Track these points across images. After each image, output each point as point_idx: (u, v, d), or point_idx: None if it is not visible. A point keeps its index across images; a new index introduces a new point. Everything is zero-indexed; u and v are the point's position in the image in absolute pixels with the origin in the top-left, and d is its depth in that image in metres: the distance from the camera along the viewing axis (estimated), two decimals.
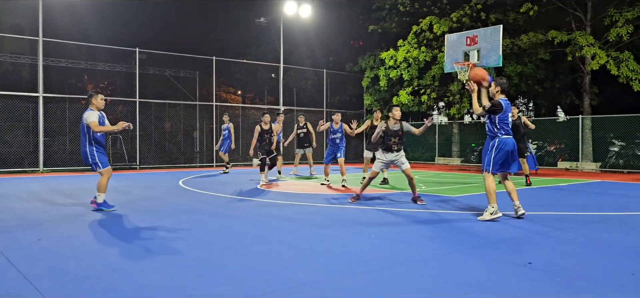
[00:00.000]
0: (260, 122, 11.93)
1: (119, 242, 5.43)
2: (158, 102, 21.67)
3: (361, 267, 4.37)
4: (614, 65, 16.85)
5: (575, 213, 7.49)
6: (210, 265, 4.43)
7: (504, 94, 6.93)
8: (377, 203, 8.47)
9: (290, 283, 3.87)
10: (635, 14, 16.62)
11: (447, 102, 22.08)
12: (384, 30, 23.94)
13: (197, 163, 21.76)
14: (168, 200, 9.00)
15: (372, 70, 23.89)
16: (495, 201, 6.73)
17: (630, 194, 10.28)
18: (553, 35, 17.90)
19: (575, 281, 3.93)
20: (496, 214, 6.67)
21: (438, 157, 23.15)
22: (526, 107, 27.76)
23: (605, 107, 20.82)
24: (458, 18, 20.28)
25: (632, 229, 6.11)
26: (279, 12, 22.71)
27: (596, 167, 17.82)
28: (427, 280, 3.97)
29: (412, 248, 5.13)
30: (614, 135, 18.07)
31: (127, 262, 4.54)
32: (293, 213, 7.52)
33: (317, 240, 5.56)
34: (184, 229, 6.14)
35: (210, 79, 21.52)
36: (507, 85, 7.00)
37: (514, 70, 19.74)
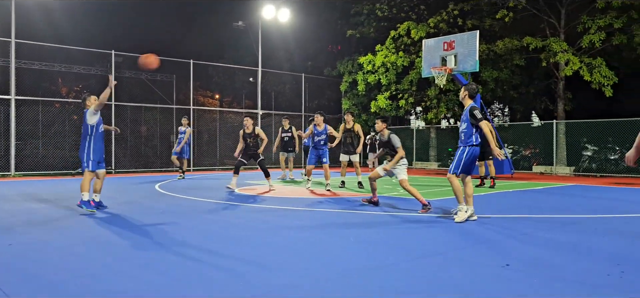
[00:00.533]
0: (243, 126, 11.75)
1: (93, 247, 5.31)
2: (134, 105, 21.36)
3: (340, 270, 4.34)
4: (586, 71, 17.22)
5: (551, 216, 7.59)
6: (187, 269, 4.35)
7: (472, 99, 7.00)
8: (356, 207, 8.47)
9: (269, 287, 3.83)
10: (607, 22, 17.02)
11: (424, 106, 22.28)
12: (362, 35, 24.07)
13: (174, 167, 21.49)
14: (144, 205, 8.86)
15: (350, 75, 23.98)
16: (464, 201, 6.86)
17: (603, 197, 10.49)
18: (528, 42, 18.22)
19: (552, 282, 3.97)
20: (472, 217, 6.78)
21: (415, 161, 23.32)
22: (502, 112, 28.17)
23: (579, 112, 21.25)
24: (435, 23, 20.50)
25: (607, 231, 6.22)
26: (257, 15, 22.64)
27: (570, 171, 18.16)
28: (405, 282, 3.97)
29: (391, 251, 5.13)
30: (587, 140, 18.46)
31: (101, 267, 4.44)
32: (273, 216, 7.47)
33: (297, 243, 5.53)
34: (161, 233, 6.03)
35: (187, 83, 21.31)
36: (475, 91, 7.06)
37: (490, 76, 20.02)
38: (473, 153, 6.83)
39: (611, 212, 8.14)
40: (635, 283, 3.92)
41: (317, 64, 27.98)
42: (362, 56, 22.71)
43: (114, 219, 7.15)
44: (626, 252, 5.04)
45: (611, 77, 17.07)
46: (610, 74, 17.11)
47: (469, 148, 6.83)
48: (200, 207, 8.60)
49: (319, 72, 26.80)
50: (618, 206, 8.99)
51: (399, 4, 22.53)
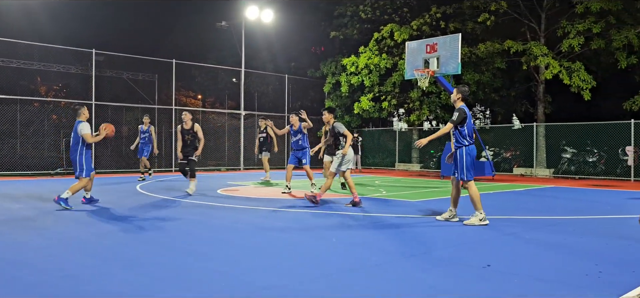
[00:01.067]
0: (182, 121, 10.81)
1: (74, 248, 5.24)
2: (115, 105, 21.11)
3: (322, 271, 4.35)
4: (566, 75, 17.49)
5: (531, 217, 7.69)
6: (169, 270, 4.32)
7: (464, 102, 7.02)
8: (337, 208, 8.48)
9: (251, 288, 3.81)
10: (586, 26, 17.30)
11: (407, 108, 22.40)
12: (345, 37, 24.12)
13: (155, 168, 21.30)
14: (125, 205, 8.75)
15: (333, 76, 24.01)
16: (481, 207, 6.77)
17: (582, 199, 10.66)
18: (509, 45, 18.44)
19: (532, 282, 4.03)
20: (484, 220, 6.72)
21: (398, 163, 23.43)
22: (483, 115, 28.45)
23: (558, 115, 21.57)
24: (418, 26, 20.64)
25: (585, 232, 6.32)
26: (240, 16, 22.54)
27: (549, 173, 18.41)
28: (387, 283, 3.99)
29: (373, 252, 5.14)
30: (566, 143, 18.74)
31: (82, 268, 4.38)
32: (255, 217, 7.44)
33: (278, 244, 5.51)
34: (142, 234, 5.97)
35: (169, 83, 21.13)
36: (468, 93, 7.11)
37: (471, 78, 20.21)
38: (469, 153, 6.85)
39: (589, 213, 8.28)
40: (613, 282, 3.99)
41: (300, 65, 27.96)
42: (345, 57, 22.76)
43: (95, 220, 7.05)
44: (603, 252, 5.13)
45: (589, 81, 17.36)
46: (589, 78, 17.41)
47: (464, 148, 6.82)
48: (182, 207, 8.53)
49: (303, 73, 26.79)
50: (596, 208, 9.15)
51: (383, 6, 22.64)
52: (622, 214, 8.20)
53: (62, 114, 20.20)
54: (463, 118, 6.77)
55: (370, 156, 24.55)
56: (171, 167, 20.17)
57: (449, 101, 20.04)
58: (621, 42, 17.06)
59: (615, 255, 5.06)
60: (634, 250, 5.15)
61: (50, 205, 8.53)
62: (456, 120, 6.77)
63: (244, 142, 21.97)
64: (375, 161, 24.50)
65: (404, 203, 9.44)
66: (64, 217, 7.29)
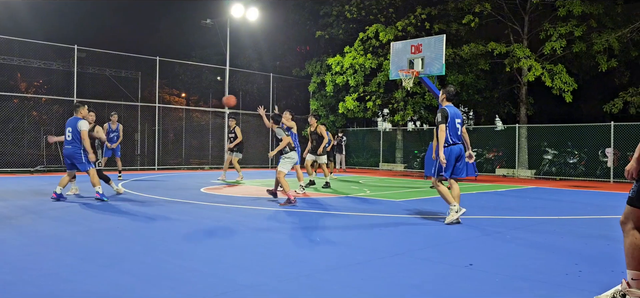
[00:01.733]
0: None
1: (54, 246, 5.15)
2: (97, 102, 20.82)
3: (305, 269, 4.33)
4: (548, 77, 17.71)
5: (513, 217, 7.77)
6: (150, 268, 4.27)
7: (450, 102, 7.04)
8: (320, 207, 8.47)
9: (232, 286, 3.79)
10: (568, 29, 17.53)
11: (391, 108, 22.49)
12: (331, 36, 24.12)
13: (138, 166, 21.08)
14: (106, 203, 8.64)
15: (318, 76, 24.00)
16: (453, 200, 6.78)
17: (562, 199, 10.79)
18: (492, 47, 18.61)
19: (514, 281, 4.06)
20: (460, 211, 6.74)
21: (382, 163, 23.50)
22: (467, 116, 28.69)
23: (540, 117, 21.84)
24: (403, 27, 20.73)
25: (565, 232, 6.40)
26: (225, 14, 22.40)
27: (531, 174, 18.62)
28: (370, 282, 3.99)
29: (355, 251, 5.14)
30: (547, 144, 18.97)
31: (62, 267, 4.30)
32: (237, 216, 7.40)
33: (260, 243, 5.49)
34: (123, 233, 5.90)
35: (153, 80, 20.92)
36: (453, 93, 7.11)
37: (455, 80, 20.36)
38: (450, 153, 6.84)
39: (569, 213, 8.39)
40: (592, 281, 4.04)
41: (285, 64, 27.90)
42: (330, 57, 22.77)
43: (75, 218, 6.95)
44: (583, 252, 5.19)
45: (571, 84, 17.59)
46: (570, 80, 17.64)
47: (444, 148, 6.83)
48: (164, 206, 8.45)
49: (288, 72, 26.73)
50: (576, 208, 9.27)
51: (368, 6, 22.69)
52: (602, 214, 8.32)
53: (42, 111, 19.89)
54: (444, 117, 6.79)
55: (354, 156, 24.59)
56: (154, 165, 19.98)
57: (433, 102, 20.17)
58: (602, 45, 17.32)
59: (595, 254, 5.13)
60: (613, 250, 5.22)
61: (30, 202, 8.40)
62: (439, 120, 6.81)
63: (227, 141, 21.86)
64: (359, 161, 24.55)
65: (388, 202, 9.47)
66: (44, 215, 7.17)
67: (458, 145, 6.88)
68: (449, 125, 6.83)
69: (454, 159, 6.87)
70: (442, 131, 6.78)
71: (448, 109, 6.86)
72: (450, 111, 6.86)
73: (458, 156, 6.89)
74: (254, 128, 24.47)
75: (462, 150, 6.93)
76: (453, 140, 6.86)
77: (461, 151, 6.92)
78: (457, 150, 6.86)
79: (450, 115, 6.83)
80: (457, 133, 6.90)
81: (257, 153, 23.89)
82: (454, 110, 6.93)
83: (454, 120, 6.88)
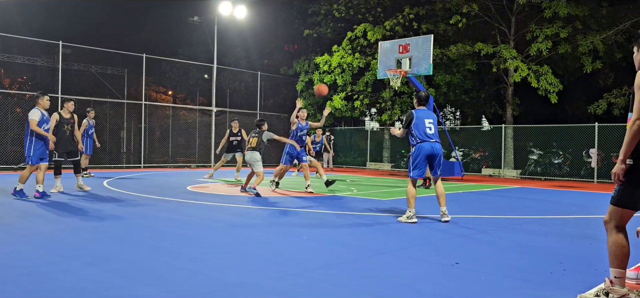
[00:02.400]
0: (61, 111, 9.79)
1: (39, 244, 5.09)
2: (82, 99, 20.60)
3: (293, 268, 4.33)
4: (534, 78, 17.88)
5: (499, 216, 7.83)
6: (136, 267, 4.23)
7: (422, 105, 7.18)
8: (308, 206, 8.47)
9: (220, 285, 3.77)
10: (553, 31, 17.71)
11: (379, 108, 22.55)
12: (319, 35, 24.12)
13: (124, 163, 20.90)
14: (92, 201, 8.56)
15: (306, 74, 23.99)
16: (413, 206, 6.82)
17: (547, 199, 10.91)
18: (479, 47, 18.74)
19: (499, 280, 4.09)
20: (412, 218, 6.78)
21: (369, 162, 23.57)
22: (454, 115, 28.87)
23: (526, 117, 22.04)
24: (391, 26, 20.79)
25: (551, 231, 6.47)
26: (213, 11, 22.29)
27: (517, 174, 18.80)
28: (357, 280, 4.00)
29: (344, 249, 5.15)
30: (533, 144, 19.16)
31: (47, 265, 4.25)
32: (225, 215, 7.37)
33: (248, 241, 5.47)
34: (109, 231, 5.85)
35: (139, 77, 20.75)
36: (423, 97, 7.21)
37: (443, 80, 20.48)
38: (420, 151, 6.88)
39: (554, 213, 8.48)
40: (576, 280, 4.09)
41: (273, 63, 27.84)
42: (318, 56, 22.76)
43: (60, 216, 6.87)
44: (567, 251, 5.25)
45: (556, 85, 17.78)
46: (556, 82, 17.83)
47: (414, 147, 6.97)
48: (151, 204, 8.39)
49: (276, 70, 26.68)
50: (560, 208, 9.37)
51: (356, 5, 22.73)
52: (586, 214, 8.43)
53: (26, 107, 19.60)
54: (409, 121, 6.99)
55: (342, 155, 24.63)
56: (140, 163, 19.83)
57: None
58: (587, 47, 17.52)
59: (579, 253, 5.19)
60: (596, 249, 5.29)
61: (14, 200, 8.29)
62: (403, 124, 7.07)
63: (215, 139, 21.73)
64: (346, 160, 24.58)
65: (375, 201, 9.49)
66: (28, 212, 7.08)
67: (428, 143, 6.90)
68: (416, 125, 6.92)
69: (425, 157, 6.89)
70: (394, 130, 7.15)
71: (414, 113, 6.98)
72: (418, 114, 6.98)
73: (430, 154, 6.90)
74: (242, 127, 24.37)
75: (435, 148, 6.91)
76: (421, 138, 6.89)
77: (433, 149, 6.90)
78: (427, 148, 6.88)
79: (416, 117, 6.95)
80: (426, 132, 6.93)
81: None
82: (424, 112, 7.05)
83: (424, 120, 6.97)
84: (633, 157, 3.34)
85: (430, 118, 7.05)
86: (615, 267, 3.43)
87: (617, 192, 3.44)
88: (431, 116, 7.09)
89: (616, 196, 3.43)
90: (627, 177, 3.36)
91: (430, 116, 7.08)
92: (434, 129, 7.03)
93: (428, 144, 6.90)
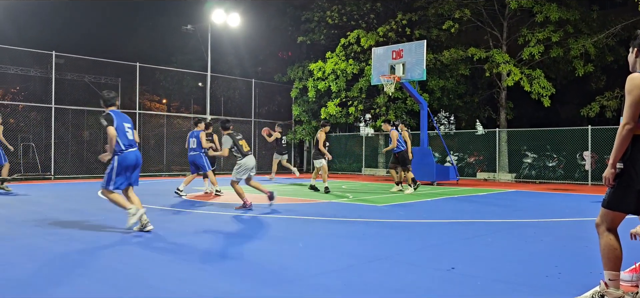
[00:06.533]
0: None
1: (30, 255, 5.05)
2: (76, 108, 20.56)
3: (287, 275, 4.32)
4: (527, 82, 17.97)
5: (494, 220, 7.85)
6: (128, 277, 4.21)
7: (111, 107, 6.60)
8: (302, 213, 8.46)
9: (214, 293, 3.75)
10: (545, 35, 17.82)
11: (373, 114, 22.58)
12: (312, 42, 24.16)
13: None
14: (84, 211, 8.52)
15: (300, 81, 24.01)
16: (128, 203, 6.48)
17: (542, 203, 10.94)
18: (472, 52, 18.83)
19: (495, 284, 4.10)
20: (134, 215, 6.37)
21: (364, 167, 23.58)
22: (448, 120, 28.93)
23: (519, 121, 22.13)
24: (384, 32, 20.86)
25: (546, 235, 6.49)
26: (206, 20, 22.31)
27: (512, 178, 18.85)
28: (353, 287, 3.99)
29: (338, 256, 5.14)
30: (527, 148, 19.24)
31: (37, 277, 4.22)
32: (219, 223, 7.35)
33: (242, 249, 5.45)
34: (101, 240, 5.81)
35: (133, 86, 20.71)
36: (107, 98, 6.62)
37: (436, 85, 20.54)
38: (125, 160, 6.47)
39: (549, 216, 8.50)
40: (572, 283, 4.10)
41: (267, 70, 27.84)
42: (312, 63, 22.79)
43: (52, 227, 6.82)
44: (563, 254, 5.26)
45: (549, 88, 17.88)
46: (548, 85, 17.93)
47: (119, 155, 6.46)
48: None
49: (270, 77, 26.68)
50: (555, 211, 9.40)
51: (349, 12, 22.79)
52: (580, 217, 8.45)
53: (20, 118, 19.54)
54: (109, 121, 6.37)
55: (337, 161, 24.62)
56: None
57: (415, 106, 20.29)
58: (578, 50, 17.64)
59: (574, 256, 5.20)
60: (591, 252, 5.30)
61: (4, 210, 8.23)
62: (105, 124, 6.41)
63: None
64: (342, 166, 24.59)
65: (370, 207, 9.49)
66: (21, 224, 7.03)
67: (131, 152, 6.51)
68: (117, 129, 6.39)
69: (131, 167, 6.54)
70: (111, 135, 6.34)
71: (112, 114, 6.46)
72: (115, 115, 6.47)
73: (134, 165, 6.57)
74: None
75: (137, 157, 6.57)
76: (125, 146, 6.45)
77: (137, 159, 6.57)
78: (132, 158, 6.51)
79: (116, 120, 6.42)
80: (127, 136, 6.48)
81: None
82: (120, 115, 6.55)
83: (123, 124, 6.50)
84: (623, 160, 3.36)
85: (128, 122, 6.59)
86: (609, 269, 3.45)
87: (608, 195, 3.46)
88: (128, 120, 6.62)
89: (607, 199, 3.46)
90: (617, 180, 3.38)
91: (127, 119, 6.60)
92: (132, 133, 6.58)
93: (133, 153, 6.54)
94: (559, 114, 22.68)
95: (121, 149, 6.40)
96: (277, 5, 26.45)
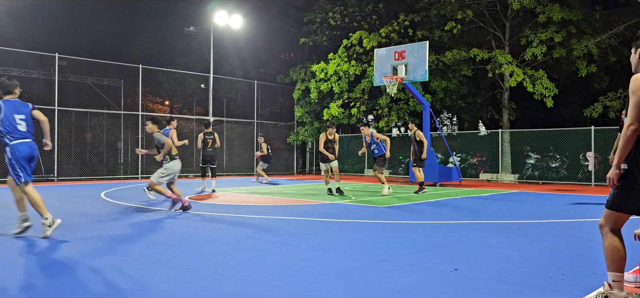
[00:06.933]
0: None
1: (31, 257, 5.05)
2: (79, 110, 20.59)
3: (291, 277, 4.31)
4: (529, 82, 17.94)
5: (496, 221, 7.83)
6: (131, 279, 4.21)
7: (8, 95, 6.23)
8: (304, 215, 8.45)
9: (216, 295, 3.75)
10: (548, 35, 17.79)
11: (376, 115, 22.57)
12: (315, 43, 24.16)
13: (121, 174, 20.86)
14: (87, 213, 8.53)
15: (303, 83, 24.02)
16: (46, 211, 6.14)
17: (545, 203, 10.90)
18: (475, 53, 18.80)
19: (498, 285, 4.08)
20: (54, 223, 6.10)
21: (367, 169, 23.56)
22: (450, 121, 28.89)
23: (522, 121, 22.08)
24: (387, 33, 20.84)
25: (549, 235, 6.46)
26: (209, 21, 22.34)
27: (514, 178, 18.81)
28: (356, 288, 3.98)
29: (341, 257, 5.13)
30: (530, 149, 19.19)
31: (39, 278, 4.23)
32: (219, 224, 7.35)
33: (244, 251, 5.45)
34: (105, 242, 5.82)
35: (136, 88, 20.75)
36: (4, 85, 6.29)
37: (439, 85, 20.51)
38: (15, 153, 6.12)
39: (552, 217, 8.47)
40: (575, 284, 4.08)
41: (269, 71, 27.86)
42: (314, 64, 22.80)
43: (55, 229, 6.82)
44: (566, 255, 5.24)
45: (552, 89, 17.84)
46: (551, 86, 17.89)
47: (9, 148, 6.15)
48: (145, 215, 8.36)
49: (272, 79, 26.70)
50: (558, 212, 9.37)
51: (352, 13, 22.79)
52: (584, 218, 8.42)
53: None
54: None
55: (339, 162, 24.60)
56: (138, 174, 19.79)
57: (418, 107, 20.27)
58: (581, 51, 17.60)
59: (577, 257, 5.18)
60: (595, 253, 5.28)
61: (6, 212, 8.24)
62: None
63: None
64: (344, 167, 24.57)
65: (373, 208, 9.48)
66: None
67: (23, 143, 6.16)
68: (3, 121, 6.05)
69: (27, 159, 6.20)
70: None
71: (2, 103, 6.08)
72: (5, 105, 6.08)
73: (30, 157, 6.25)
74: (239, 136, 24.40)
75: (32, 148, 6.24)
76: (15, 137, 6.10)
77: (32, 150, 6.25)
78: (25, 150, 6.16)
79: (3, 110, 6.05)
80: (18, 128, 6.11)
81: (241, 161, 23.81)
82: (13, 105, 6.14)
83: (13, 115, 6.09)
84: (627, 161, 3.35)
85: (21, 113, 6.18)
86: (612, 270, 3.43)
87: (612, 196, 3.44)
88: (21, 110, 6.20)
89: (611, 200, 3.44)
90: (621, 181, 3.37)
91: (20, 110, 6.19)
92: (25, 125, 6.22)
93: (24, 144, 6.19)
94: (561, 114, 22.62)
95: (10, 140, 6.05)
96: (280, 7, 26.48)
